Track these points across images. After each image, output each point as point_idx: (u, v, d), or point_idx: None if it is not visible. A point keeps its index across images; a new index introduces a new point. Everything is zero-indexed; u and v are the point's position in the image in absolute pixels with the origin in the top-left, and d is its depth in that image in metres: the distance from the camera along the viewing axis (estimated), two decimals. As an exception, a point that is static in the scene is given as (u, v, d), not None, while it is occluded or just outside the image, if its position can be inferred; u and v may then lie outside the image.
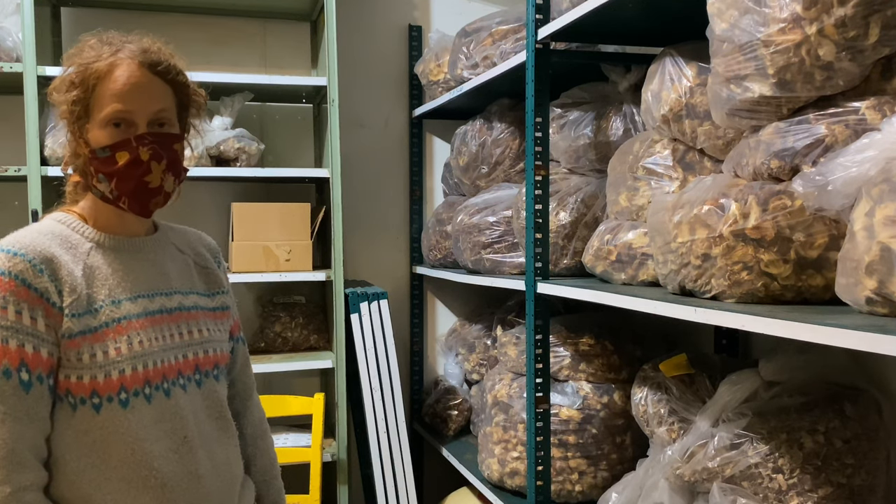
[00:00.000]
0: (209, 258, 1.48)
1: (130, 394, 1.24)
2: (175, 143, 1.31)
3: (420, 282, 3.42)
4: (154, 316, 1.30)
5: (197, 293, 1.41)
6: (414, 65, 3.30)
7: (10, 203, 2.89)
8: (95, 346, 1.22)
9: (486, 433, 2.51)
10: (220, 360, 1.41)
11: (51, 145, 2.64)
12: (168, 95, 1.30)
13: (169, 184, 1.31)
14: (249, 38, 3.16)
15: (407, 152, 3.41)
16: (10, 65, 2.58)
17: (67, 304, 1.21)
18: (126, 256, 1.31)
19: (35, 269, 1.21)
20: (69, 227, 1.30)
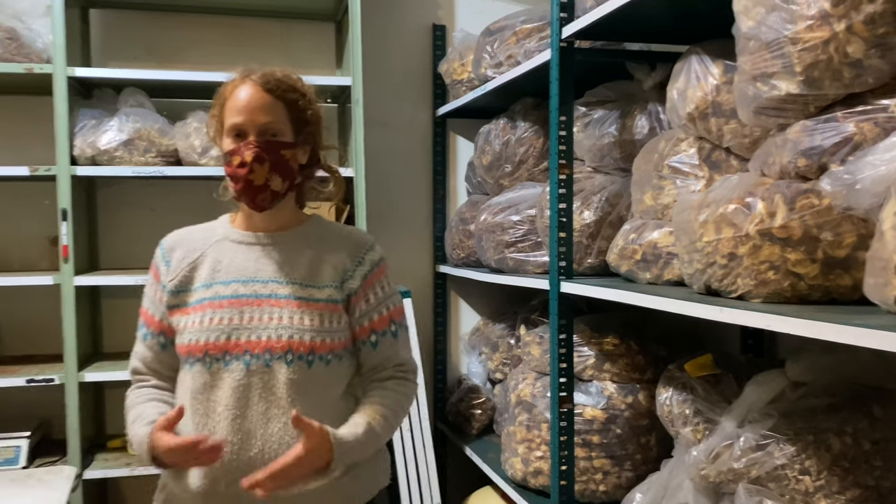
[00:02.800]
0: (342, 255, 1.59)
1: (194, 360, 1.52)
2: (282, 150, 1.52)
3: (443, 281, 3.43)
4: (230, 299, 1.53)
5: (292, 283, 1.55)
6: (438, 64, 3.31)
7: (40, 202, 2.94)
8: (182, 318, 1.55)
9: (510, 432, 2.51)
10: (276, 347, 1.50)
11: (80, 145, 2.68)
12: (279, 110, 1.52)
13: (276, 183, 1.52)
14: (273, 39, 3.19)
15: (430, 151, 3.42)
16: (40, 66, 2.63)
17: (169, 283, 1.57)
18: (242, 248, 1.58)
19: (162, 255, 1.62)
20: (218, 223, 1.65)
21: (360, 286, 1.59)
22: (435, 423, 3.35)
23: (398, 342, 1.64)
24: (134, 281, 2.70)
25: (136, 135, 2.72)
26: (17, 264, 3.00)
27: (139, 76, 2.78)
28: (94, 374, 2.70)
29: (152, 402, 1.57)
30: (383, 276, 1.64)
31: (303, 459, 1.41)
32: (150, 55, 3.09)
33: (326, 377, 1.55)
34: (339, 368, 1.57)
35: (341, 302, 1.57)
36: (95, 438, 2.97)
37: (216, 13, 3.13)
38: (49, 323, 2.78)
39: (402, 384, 1.62)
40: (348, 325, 1.59)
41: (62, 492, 2.02)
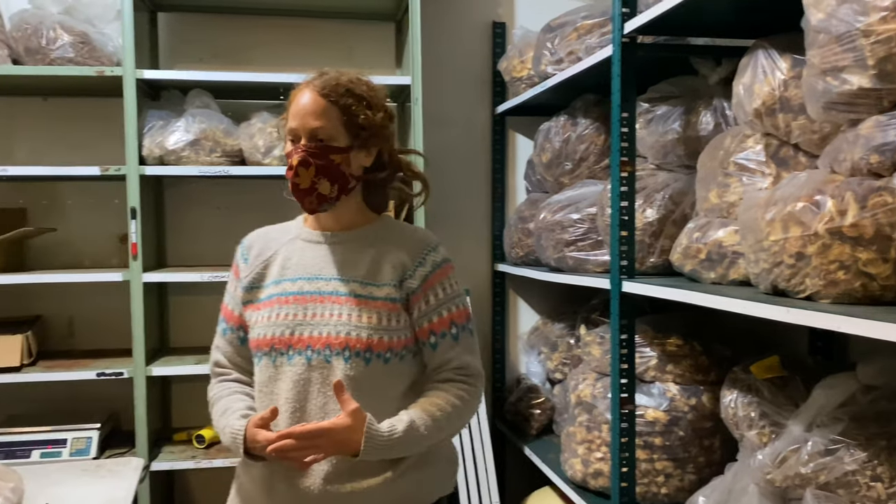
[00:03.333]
0: (403, 254, 1.60)
1: (261, 354, 1.58)
2: (331, 154, 1.54)
3: (502, 279, 3.42)
4: (295, 295, 1.58)
5: (354, 281, 1.57)
6: (497, 62, 3.30)
7: (110, 201, 3.03)
8: (254, 313, 1.61)
9: (570, 433, 2.49)
10: (335, 343, 1.52)
11: (148, 145, 2.76)
12: (332, 115, 1.54)
13: (323, 187, 1.55)
14: (334, 40, 3.23)
15: (489, 149, 3.42)
16: (111, 69, 2.71)
17: (245, 280, 1.65)
18: (311, 246, 1.63)
19: (242, 253, 1.69)
20: (293, 223, 1.71)
21: (419, 286, 1.59)
22: (493, 423, 3.34)
23: (459, 345, 1.61)
24: (199, 278, 2.77)
25: (201, 135, 2.79)
26: (89, 261, 3.10)
27: (205, 78, 2.84)
28: (161, 369, 2.78)
29: (237, 395, 1.63)
30: (445, 278, 1.62)
31: (331, 432, 1.43)
32: (215, 57, 3.16)
33: (386, 375, 1.55)
34: (399, 367, 1.58)
35: (400, 301, 1.58)
36: (162, 431, 3.05)
37: (279, 15, 3.18)
38: (119, 318, 2.87)
39: (460, 388, 1.59)
40: (409, 324, 1.59)
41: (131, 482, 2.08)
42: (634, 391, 2.19)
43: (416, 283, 1.59)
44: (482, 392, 1.65)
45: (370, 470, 1.52)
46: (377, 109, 1.60)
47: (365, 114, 1.57)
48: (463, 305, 1.64)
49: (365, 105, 1.57)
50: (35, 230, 2.94)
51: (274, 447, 1.42)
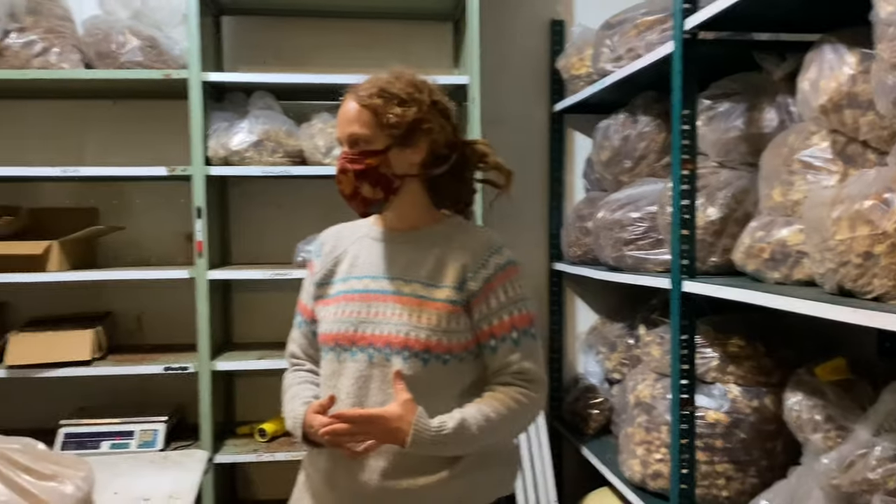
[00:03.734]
0: (466, 256, 1.59)
1: (327, 348, 1.62)
2: (368, 158, 1.56)
3: (559, 278, 3.40)
4: (360, 293, 1.61)
5: (416, 281, 1.58)
6: (555, 60, 3.29)
7: (177, 200, 3.12)
8: (323, 309, 1.65)
9: (628, 434, 2.47)
10: (395, 342, 1.53)
11: (213, 146, 2.83)
12: (365, 118, 1.55)
13: (366, 190, 1.58)
14: (392, 40, 3.26)
15: (547, 148, 3.40)
16: (177, 72, 2.78)
17: (317, 275, 1.69)
18: (378, 245, 1.66)
19: (316, 249, 1.73)
20: (365, 221, 1.72)
21: (480, 289, 1.57)
22: (551, 423, 3.33)
23: (519, 350, 1.57)
24: (262, 275, 2.82)
25: (264, 136, 2.84)
26: (156, 259, 3.19)
27: (267, 80, 2.90)
28: (225, 364, 2.84)
29: (306, 384, 1.68)
30: (508, 281, 1.59)
31: (381, 420, 1.45)
32: (277, 59, 3.22)
33: (444, 376, 1.56)
34: (459, 369, 1.57)
35: (461, 304, 1.57)
36: (226, 424, 3.12)
37: (339, 17, 3.22)
38: (184, 314, 2.95)
39: (519, 392, 1.56)
40: (470, 327, 1.58)
41: (195, 474, 2.14)
42: (695, 392, 2.16)
43: (478, 285, 1.57)
44: (543, 399, 1.61)
45: (427, 468, 1.53)
46: (411, 105, 1.57)
47: (394, 112, 1.55)
48: (526, 310, 1.61)
49: (396, 103, 1.55)
50: (105, 229, 3.04)
51: (326, 429, 1.45)
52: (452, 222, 1.69)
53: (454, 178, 1.67)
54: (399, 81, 1.58)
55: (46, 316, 3.04)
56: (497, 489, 1.65)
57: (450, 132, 1.64)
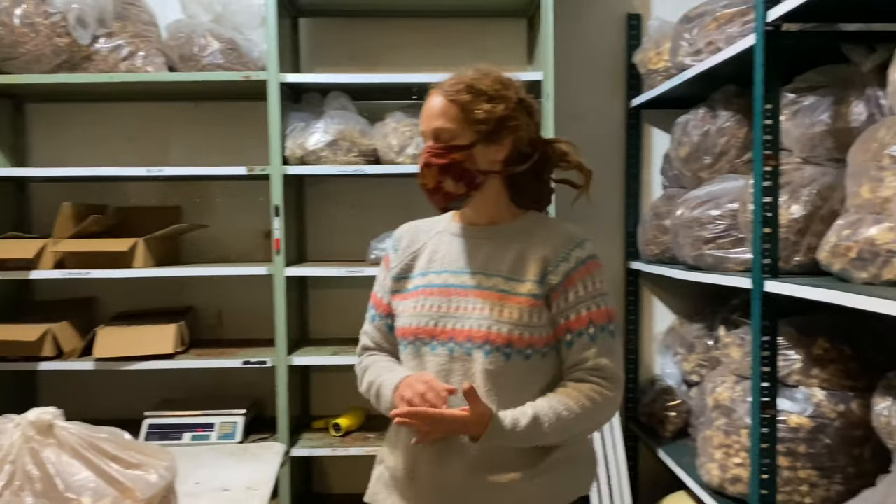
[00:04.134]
0: (547, 250, 1.59)
1: (406, 342, 1.63)
2: (453, 153, 1.56)
3: (636, 277, 3.34)
4: (440, 287, 1.61)
5: (497, 275, 1.59)
6: (632, 54, 3.23)
7: (255, 199, 3.19)
8: (400, 303, 1.66)
9: (706, 437, 2.41)
10: (476, 336, 1.54)
11: (290, 146, 2.88)
12: (452, 113, 1.56)
13: (449, 185, 1.58)
14: (466, 38, 3.25)
15: (623, 144, 3.35)
16: (256, 73, 2.85)
17: (394, 270, 1.70)
18: (457, 240, 1.66)
19: (393, 244, 1.74)
20: (442, 217, 1.73)
21: (560, 282, 1.57)
22: (626, 424, 3.28)
23: (595, 345, 1.56)
24: (337, 272, 2.87)
25: (339, 136, 2.88)
26: (235, 256, 3.28)
27: (342, 80, 2.94)
28: (302, 359, 2.90)
29: (394, 362, 1.69)
30: (588, 275, 1.58)
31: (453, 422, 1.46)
32: (352, 60, 3.26)
33: (526, 371, 1.55)
34: (541, 364, 1.57)
35: (542, 298, 1.56)
36: (301, 419, 3.18)
37: (413, 16, 3.24)
38: (262, 310, 3.01)
39: (594, 389, 1.54)
40: (550, 321, 1.57)
41: (272, 466, 2.18)
42: (776, 395, 2.09)
43: (558, 279, 1.57)
44: (619, 397, 1.59)
45: (512, 464, 1.53)
46: (499, 102, 1.58)
47: (482, 108, 1.56)
48: (605, 305, 1.59)
49: (484, 99, 1.56)
50: (188, 226, 3.14)
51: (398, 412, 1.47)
52: (532, 217, 1.68)
53: (535, 176, 1.67)
54: (487, 78, 1.59)
55: (132, 311, 3.15)
56: (577, 489, 1.64)
57: (533, 130, 1.65)
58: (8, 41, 2.73)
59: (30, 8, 2.72)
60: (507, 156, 1.61)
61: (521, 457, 1.54)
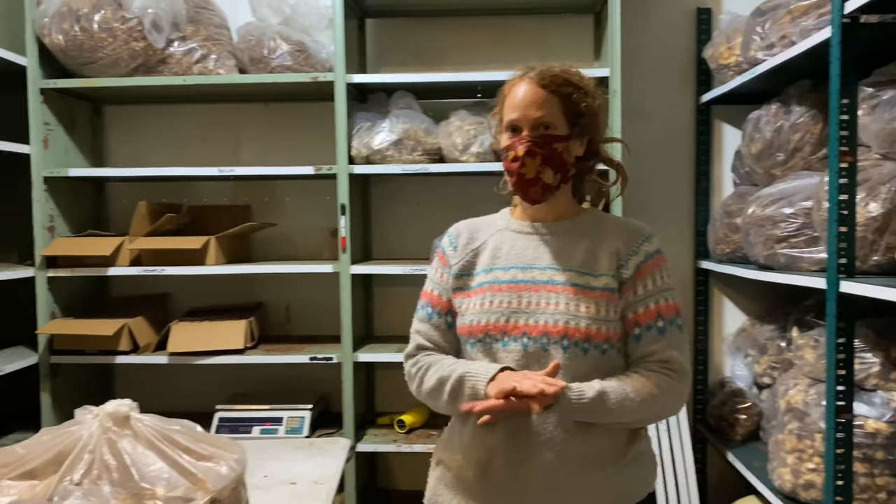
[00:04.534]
0: (618, 244, 1.59)
1: (474, 340, 1.59)
2: (554, 143, 1.56)
3: (705, 277, 3.27)
4: (508, 283, 1.59)
5: (570, 270, 1.58)
6: (702, 49, 3.16)
7: (322, 198, 3.24)
8: (464, 300, 1.64)
9: (778, 441, 2.34)
10: (553, 331, 1.52)
11: (356, 146, 2.91)
12: (552, 104, 1.56)
13: (548, 176, 1.57)
14: (530, 35, 3.24)
15: (693, 140, 3.28)
16: (323, 74, 2.89)
17: (455, 267, 1.67)
18: (521, 237, 1.65)
19: (450, 241, 1.72)
20: (499, 215, 1.73)
21: (631, 276, 1.57)
22: (694, 426, 3.21)
23: (665, 339, 1.55)
24: (401, 270, 2.89)
25: (404, 135, 2.90)
26: (303, 253, 3.33)
27: (407, 80, 2.95)
28: (367, 355, 2.93)
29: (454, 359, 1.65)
30: (657, 269, 1.59)
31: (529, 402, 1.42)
32: (417, 59, 3.28)
33: (602, 366, 1.54)
34: (616, 359, 1.57)
35: (616, 291, 1.56)
36: (366, 414, 3.22)
37: (477, 14, 3.24)
38: (329, 307, 3.06)
39: (662, 378, 1.52)
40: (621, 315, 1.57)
41: (339, 461, 2.21)
42: (853, 399, 2.02)
43: (629, 272, 1.57)
44: (686, 391, 1.57)
45: (590, 462, 1.52)
46: (595, 96, 1.61)
47: (586, 101, 1.58)
48: (672, 299, 1.59)
49: (583, 93, 1.58)
50: (258, 225, 3.21)
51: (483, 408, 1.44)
52: (594, 213, 1.69)
53: (588, 173, 1.69)
54: (574, 72, 1.60)
55: (204, 307, 3.24)
56: (646, 485, 1.63)
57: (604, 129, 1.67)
58: (87, 46, 2.84)
59: (108, 14, 2.82)
60: (584, 151, 1.63)
61: (598, 455, 1.53)
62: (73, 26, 2.82)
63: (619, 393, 1.49)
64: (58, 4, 2.84)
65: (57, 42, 2.85)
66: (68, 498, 1.11)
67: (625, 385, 1.50)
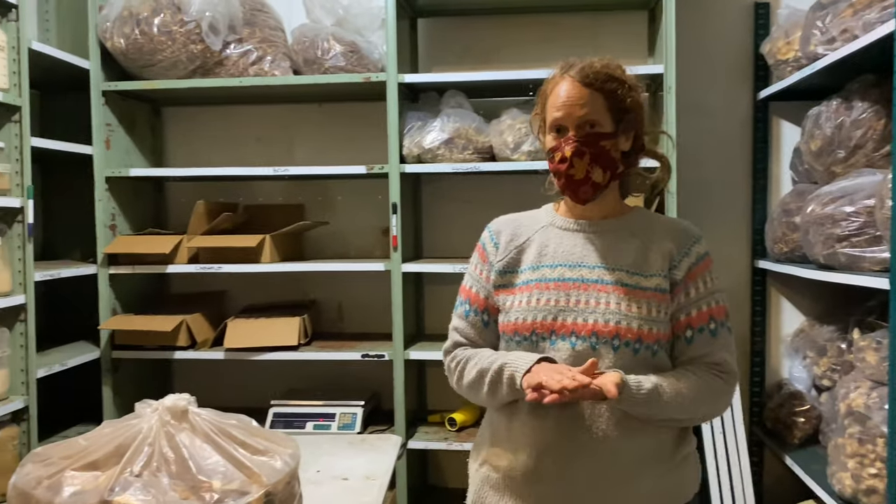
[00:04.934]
0: (669, 244, 1.57)
1: (520, 338, 1.57)
2: (602, 141, 1.53)
3: (762, 277, 3.20)
4: (556, 282, 1.56)
5: (619, 269, 1.55)
6: (759, 44, 3.10)
7: (374, 197, 3.27)
8: (508, 298, 1.61)
9: (838, 445, 2.28)
10: (603, 331, 1.50)
11: (408, 145, 2.93)
12: (596, 101, 1.53)
13: (597, 175, 1.54)
14: (582, 33, 3.21)
15: (750, 137, 3.21)
16: (376, 75, 2.91)
17: (497, 264, 1.64)
18: (568, 234, 1.62)
19: (490, 237, 1.69)
20: (542, 211, 1.70)
21: (682, 278, 1.55)
22: (751, 429, 3.15)
23: (716, 341, 1.54)
24: (452, 269, 2.89)
25: (455, 134, 2.91)
26: (355, 252, 3.36)
27: (458, 79, 2.96)
28: (418, 353, 2.94)
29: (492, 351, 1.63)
30: (707, 271, 1.57)
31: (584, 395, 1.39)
32: (468, 58, 3.28)
33: (651, 367, 1.52)
34: (664, 359, 1.55)
35: (668, 292, 1.54)
36: (417, 412, 3.23)
37: (529, 12, 3.22)
38: (380, 305, 3.08)
39: (713, 378, 1.52)
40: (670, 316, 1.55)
41: (390, 457, 2.23)
42: (918, 404, 1.96)
43: (681, 273, 1.55)
44: (733, 392, 1.57)
45: (641, 462, 1.51)
46: (638, 91, 1.58)
47: (630, 96, 1.56)
48: (723, 301, 1.58)
49: (627, 88, 1.56)
50: (311, 223, 3.25)
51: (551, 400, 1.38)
52: (642, 212, 1.67)
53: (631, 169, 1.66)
54: (615, 67, 1.57)
55: (259, 303, 3.29)
56: (694, 485, 1.62)
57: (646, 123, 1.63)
58: (147, 49, 2.91)
59: (167, 17, 2.89)
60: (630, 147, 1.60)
61: (647, 455, 1.52)
62: (133, 30, 2.89)
63: (673, 388, 1.48)
64: (119, 9, 2.92)
65: (118, 45, 2.93)
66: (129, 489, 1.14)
67: (678, 382, 1.49)
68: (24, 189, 2.63)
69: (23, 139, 2.63)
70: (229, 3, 2.95)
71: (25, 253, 2.65)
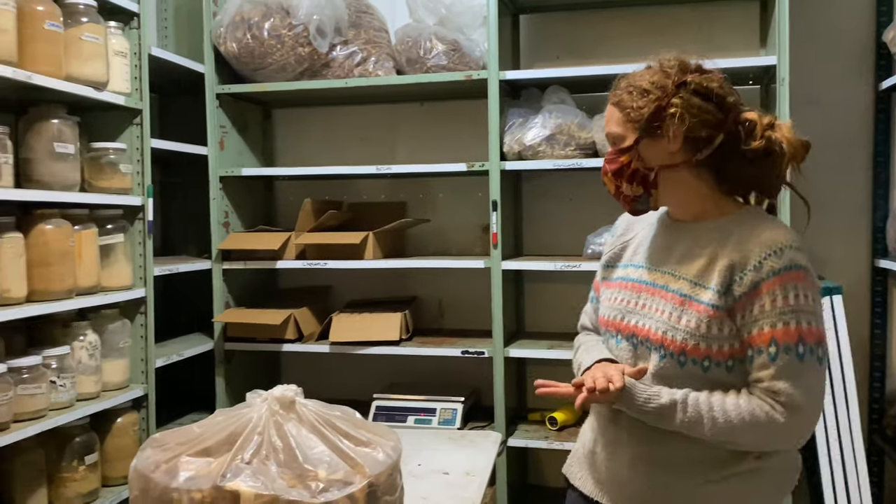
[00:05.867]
0: (735, 257, 1.45)
1: (602, 330, 1.66)
2: (620, 156, 1.55)
3: (884, 277, 3.03)
4: (633, 282, 1.61)
5: (684, 278, 1.52)
6: (882, 32, 2.93)
7: (475, 194, 3.28)
8: (604, 291, 1.68)
9: (967, 457, 2.14)
10: (654, 339, 1.51)
11: (508, 142, 2.92)
12: (614, 117, 1.56)
13: (626, 188, 1.57)
14: (689, 25, 3.11)
15: (871, 130, 3.05)
16: (478, 73, 2.92)
17: (605, 256, 1.72)
18: (664, 233, 1.62)
19: (612, 231, 1.76)
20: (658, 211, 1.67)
21: (746, 293, 1.43)
22: (870, 437, 2.99)
23: (775, 367, 1.40)
24: (552, 266, 2.87)
25: (557, 130, 2.88)
26: (455, 249, 3.38)
27: (560, 74, 2.92)
28: (518, 351, 2.94)
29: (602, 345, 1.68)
30: (780, 287, 1.40)
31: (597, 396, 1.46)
32: (570, 53, 3.24)
33: (705, 382, 1.46)
34: (726, 378, 1.46)
35: (723, 308, 1.44)
36: (517, 410, 3.22)
37: (632, 5, 3.16)
38: (480, 302, 3.09)
39: (763, 407, 1.40)
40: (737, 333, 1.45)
41: (490, 454, 2.23)
42: None
43: (743, 290, 1.43)
44: (797, 428, 1.42)
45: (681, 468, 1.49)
46: (651, 94, 1.49)
47: (635, 104, 1.51)
48: (796, 323, 1.40)
49: (637, 95, 1.51)
50: (412, 221, 3.29)
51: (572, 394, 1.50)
52: (741, 215, 1.53)
53: (734, 158, 1.51)
54: (649, 71, 1.55)
55: (362, 299, 3.37)
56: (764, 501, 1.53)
57: (711, 111, 1.48)
58: (258, 52, 3.02)
59: (276, 21, 2.98)
60: (683, 145, 1.49)
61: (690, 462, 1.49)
62: (245, 34, 3.01)
63: (701, 409, 1.42)
64: (232, 14, 3.04)
65: (231, 49, 3.05)
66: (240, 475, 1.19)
67: (714, 403, 1.42)
68: (144, 188, 2.78)
69: (143, 141, 2.78)
70: (335, 6, 3.02)
71: (146, 249, 2.80)
